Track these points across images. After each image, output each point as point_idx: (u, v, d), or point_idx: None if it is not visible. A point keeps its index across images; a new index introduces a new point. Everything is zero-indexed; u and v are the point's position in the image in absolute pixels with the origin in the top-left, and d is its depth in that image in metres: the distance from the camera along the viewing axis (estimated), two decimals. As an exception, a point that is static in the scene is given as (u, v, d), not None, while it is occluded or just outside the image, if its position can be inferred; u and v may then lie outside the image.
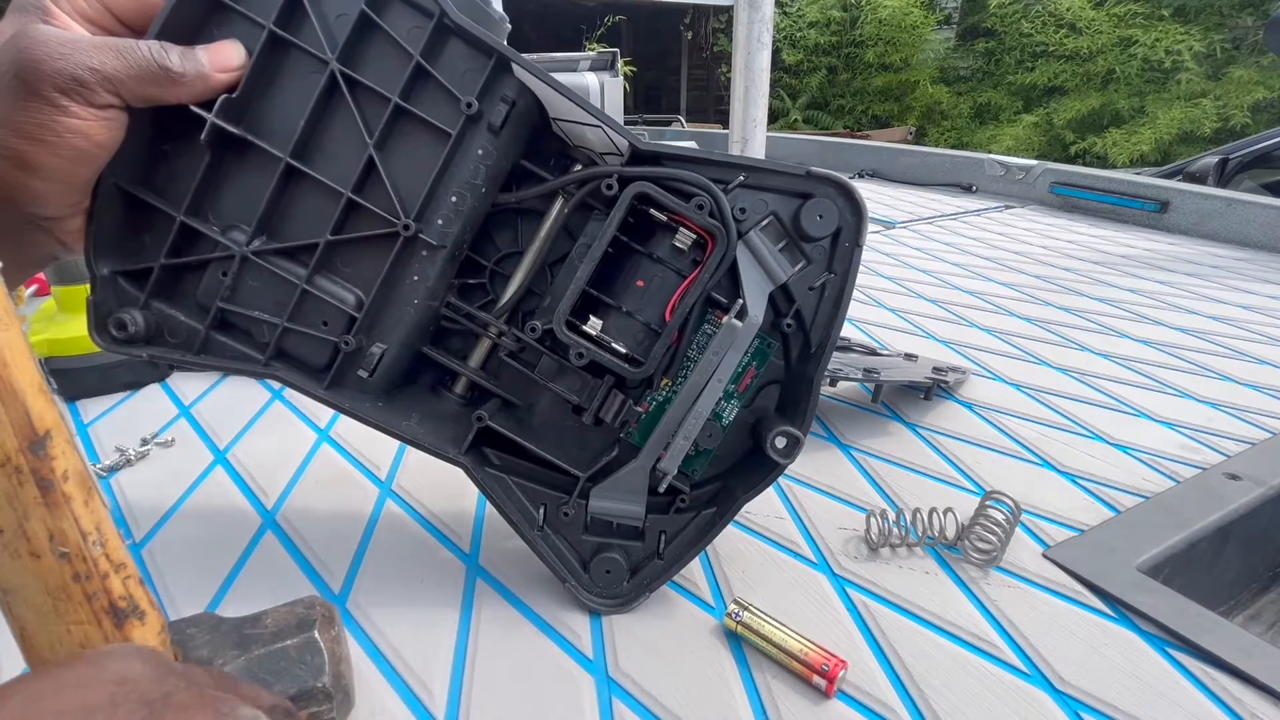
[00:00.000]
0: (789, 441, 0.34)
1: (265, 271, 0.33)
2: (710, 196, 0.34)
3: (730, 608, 0.36)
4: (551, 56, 2.03)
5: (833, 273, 0.36)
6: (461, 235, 0.34)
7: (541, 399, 0.38)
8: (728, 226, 0.34)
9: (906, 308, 0.89)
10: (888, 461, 0.54)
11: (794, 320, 0.36)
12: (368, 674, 0.35)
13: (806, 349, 0.36)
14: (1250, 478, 0.51)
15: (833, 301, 0.35)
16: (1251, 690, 0.34)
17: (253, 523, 0.46)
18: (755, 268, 0.35)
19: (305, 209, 0.33)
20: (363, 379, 0.35)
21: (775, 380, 0.38)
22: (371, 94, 0.32)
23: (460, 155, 0.33)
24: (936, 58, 6.37)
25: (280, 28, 0.31)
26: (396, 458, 0.53)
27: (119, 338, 0.32)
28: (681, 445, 0.35)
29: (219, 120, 0.30)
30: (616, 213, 0.34)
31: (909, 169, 1.81)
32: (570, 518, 0.37)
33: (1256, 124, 4.54)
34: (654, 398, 0.38)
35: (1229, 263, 1.12)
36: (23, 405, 0.23)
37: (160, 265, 0.32)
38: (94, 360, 0.61)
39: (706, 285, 0.34)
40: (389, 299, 0.34)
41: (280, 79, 0.32)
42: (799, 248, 0.36)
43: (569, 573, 0.37)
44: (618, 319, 0.36)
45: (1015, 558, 0.43)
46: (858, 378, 0.57)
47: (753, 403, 0.38)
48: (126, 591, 0.26)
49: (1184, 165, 2.21)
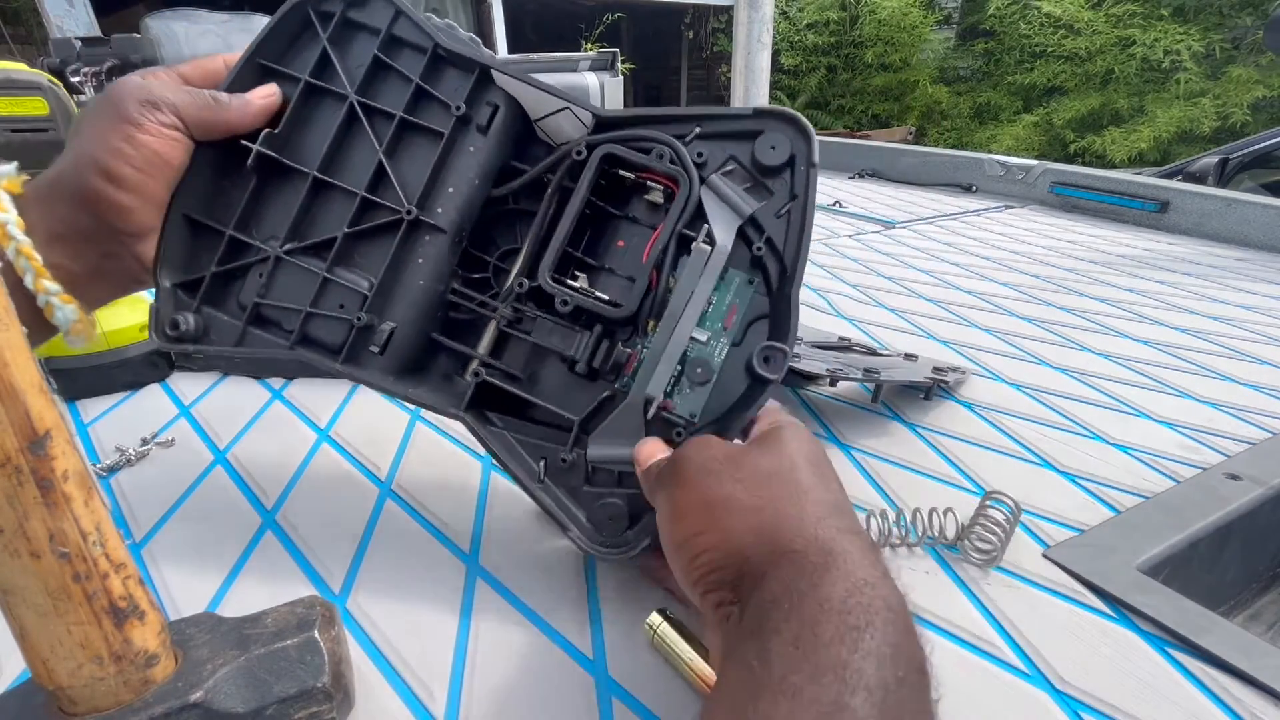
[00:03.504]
0: (775, 356, 0.36)
1: (294, 268, 0.38)
2: (667, 145, 0.37)
3: (651, 618, 0.35)
4: (550, 57, 2.03)
5: (795, 197, 0.38)
6: (460, 223, 0.39)
7: (542, 370, 0.40)
8: (686, 167, 0.37)
9: (906, 308, 0.89)
10: (888, 461, 0.54)
11: (766, 246, 0.38)
12: (368, 674, 0.35)
13: (783, 272, 0.38)
14: (1250, 478, 0.51)
15: (799, 223, 0.38)
16: (1251, 690, 0.34)
17: (253, 523, 0.46)
18: (722, 206, 0.38)
19: (328, 215, 0.39)
20: (374, 355, 0.38)
21: (763, 315, 0.39)
22: (383, 115, 0.39)
23: (454, 152, 0.39)
24: (936, 58, 6.37)
25: (314, 78, 0.39)
26: (396, 458, 0.53)
27: (172, 336, 0.38)
28: (664, 370, 0.37)
29: (262, 148, 0.37)
30: (587, 173, 0.38)
31: (909, 169, 1.81)
32: (569, 464, 0.39)
33: (1256, 123, 4.54)
34: (643, 346, 0.39)
35: (1229, 263, 1.12)
36: (23, 405, 0.23)
37: (210, 274, 0.38)
38: (94, 360, 0.61)
39: (676, 226, 0.37)
40: (397, 280, 0.39)
41: (312, 118, 0.39)
42: (763, 185, 0.38)
43: (571, 521, 0.38)
44: (602, 276, 0.40)
45: (1015, 558, 0.43)
46: (858, 378, 0.57)
47: (743, 340, 0.38)
48: (126, 591, 0.26)
49: (1184, 165, 2.21)
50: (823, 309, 0.88)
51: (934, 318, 0.86)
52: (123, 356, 0.62)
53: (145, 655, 0.26)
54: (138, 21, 2.17)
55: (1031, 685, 0.34)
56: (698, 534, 0.28)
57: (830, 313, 0.87)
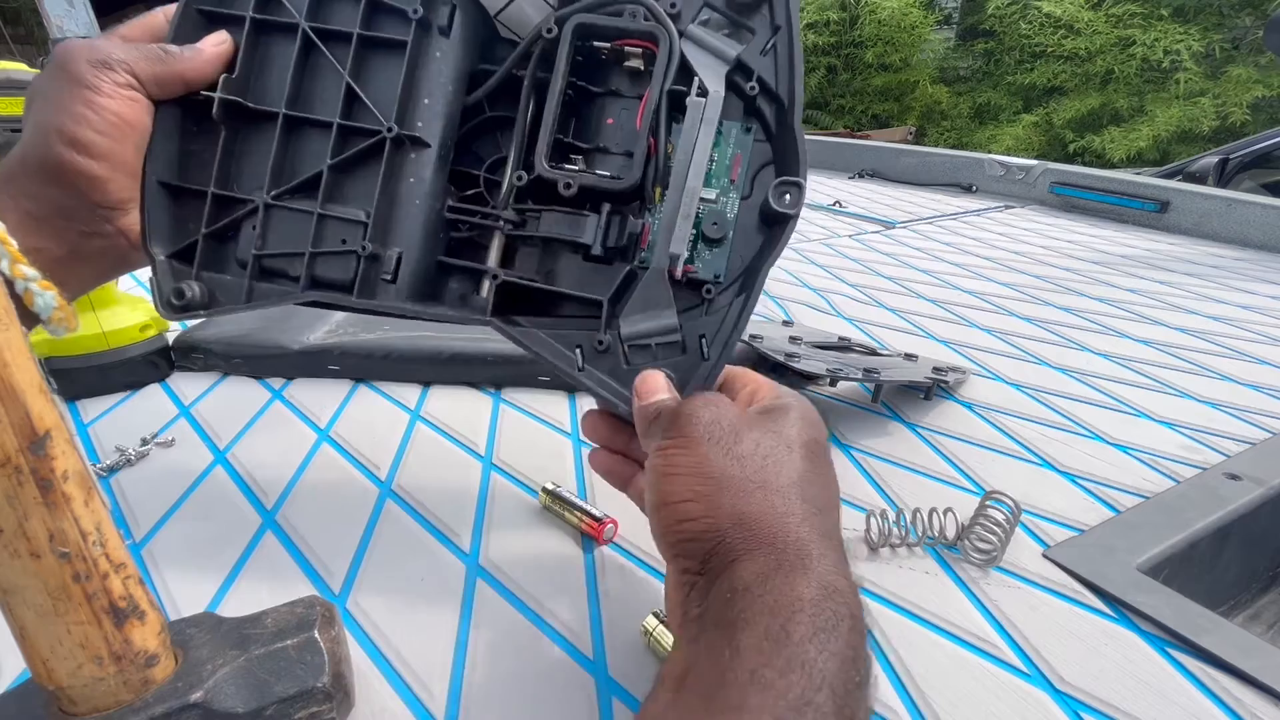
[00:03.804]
0: (791, 190, 0.35)
1: (286, 213, 0.37)
2: (639, 3, 0.36)
3: (647, 621, 0.35)
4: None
5: (778, 28, 0.36)
6: (444, 134, 0.38)
7: (557, 266, 0.39)
8: (662, 21, 0.36)
9: (906, 308, 0.89)
10: (888, 461, 0.54)
11: (757, 84, 0.37)
12: (368, 674, 0.35)
13: (780, 109, 0.37)
14: (1250, 478, 0.51)
15: (787, 54, 0.36)
16: (1251, 690, 0.34)
17: (253, 523, 0.46)
18: (706, 56, 0.36)
19: (308, 152, 0.38)
20: (387, 283, 0.38)
21: (768, 162, 0.38)
22: (339, 38, 0.37)
23: (420, 60, 0.38)
24: (936, 58, 6.37)
25: (258, 13, 0.37)
26: (396, 458, 0.53)
27: (178, 305, 0.37)
28: (683, 227, 0.35)
29: (224, 94, 0.36)
30: (562, 49, 0.36)
31: (909, 169, 1.81)
32: (606, 346, 0.37)
33: (1255, 122, 4.54)
34: (655, 217, 0.38)
35: (1229, 263, 1.12)
36: (23, 405, 0.23)
37: (202, 236, 0.37)
38: (94, 360, 0.61)
39: (663, 85, 0.36)
40: (394, 205, 0.38)
41: (268, 56, 0.38)
42: (744, 25, 0.37)
43: (621, 400, 0.37)
44: (597, 157, 0.39)
45: (1015, 558, 0.43)
46: (858, 378, 0.57)
47: (751, 191, 0.38)
48: (126, 591, 0.26)
49: (1184, 165, 2.21)
50: (823, 309, 0.88)
51: (934, 318, 0.86)
52: (123, 356, 0.62)
53: (145, 655, 0.26)
54: (138, 21, 2.17)
55: (1031, 685, 0.34)
56: (685, 501, 0.28)
57: (830, 313, 0.87)
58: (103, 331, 0.60)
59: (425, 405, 0.61)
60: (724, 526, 0.27)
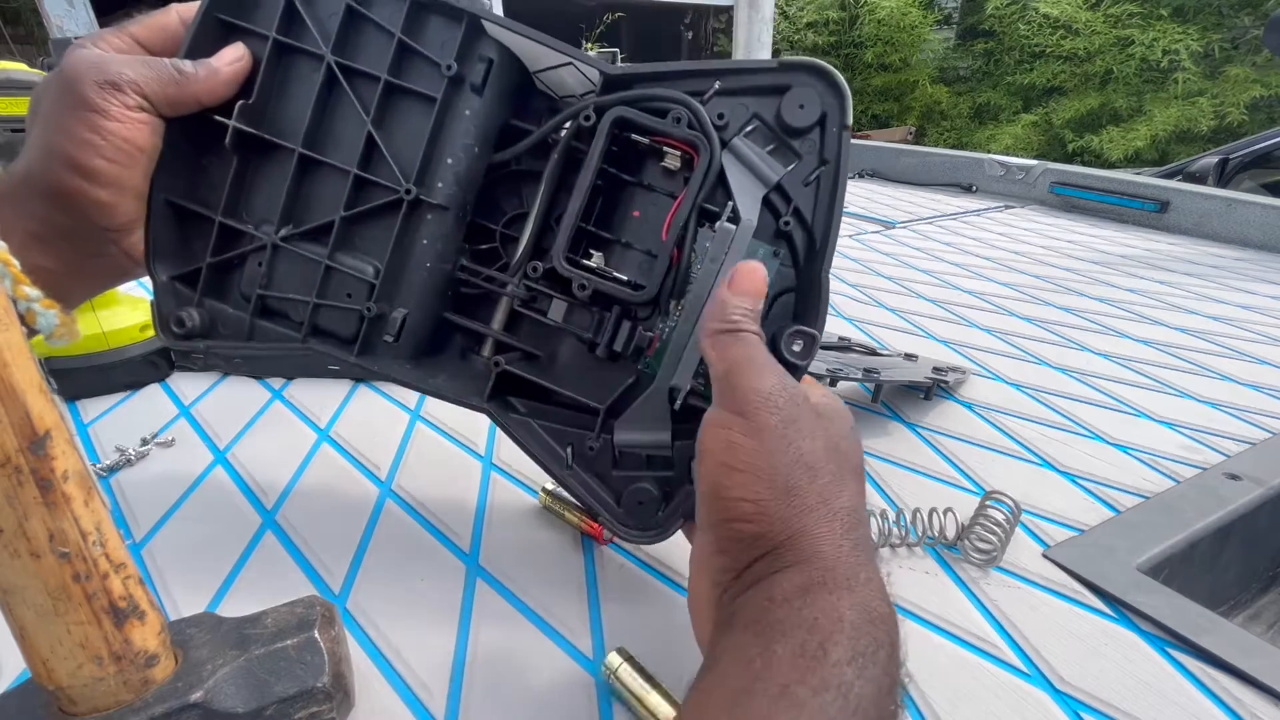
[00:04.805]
0: (804, 341, 0.33)
1: (294, 256, 0.36)
2: (685, 107, 0.34)
3: (609, 659, 0.33)
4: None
5: (826, 162, 0.35)
6: (462, 196, 0.37)
7: (560, 348, 0.38)
8: (707, 133, 0.34)
9: (906, 308, 0.89)
10: (888, 461, 0.54)
11: (793, 218, 0.35)
12: (368, 674, 0.35)
13: (811, 246, 0.35)
14: (1250, 478, 0.51)
15: (829, 192, 0.35)
16: (1251, 690, 0.34)
17: (253, 523, 0.45)
18: (745, 173, 0.34)
19: (322, 195, 0.36)
20: (389, 344, 0.37)
21: (789, 289, 0.36)
22: (365, 78, 0.35)
23: (448, 117, 0.36)
24: (936, 58, 6.37)
25: (282, 35, 0.35)
26: (396, 458, 0.53)
27: (178, 333, 0.36)
28: (692, 358, 0.34)
29: (239, 124, 0.34)
30: (598, 141, 0.34)
31: (909, 169, 1.81)
32: (596, 451, 0.37)
33: (1253, 122, 4.54)
34: (667, 326, 0.37)
35: (1229, 263, 1.12)
36: (23, 405, 0.23)
37: (207, 264, 0.36)
38: (94, 360, 0.61)
39: (697, 197, 0.34)
40: (403, 264, 0.37)
41: (288, 83, 0.36)
42: (789, 146, 0.35)
43: (602, 507, 0.36)
44: (618, 251, 0.37)
45: (1015, 558, 0.43)
46: (858, 378, 0.57)
47: (767, 315, 0.36)
48: (126, 591, 0.26)
49: (1184, 165, 2.21)
50: (823, 309, 0.88)
51: (934, 318, 0.86)
52: (123, 356, 0.62)
53: (145, 655, 0.26)
54: (137, 21, 2.17)
55: (1031, 685, 0.34)
56: (744, 501, 0.26)
57: (830, 313, 0.87)
58: (103, 331, 0.60)
59: (425, 405, 0.61)
60: (779, 540, 0.25)
